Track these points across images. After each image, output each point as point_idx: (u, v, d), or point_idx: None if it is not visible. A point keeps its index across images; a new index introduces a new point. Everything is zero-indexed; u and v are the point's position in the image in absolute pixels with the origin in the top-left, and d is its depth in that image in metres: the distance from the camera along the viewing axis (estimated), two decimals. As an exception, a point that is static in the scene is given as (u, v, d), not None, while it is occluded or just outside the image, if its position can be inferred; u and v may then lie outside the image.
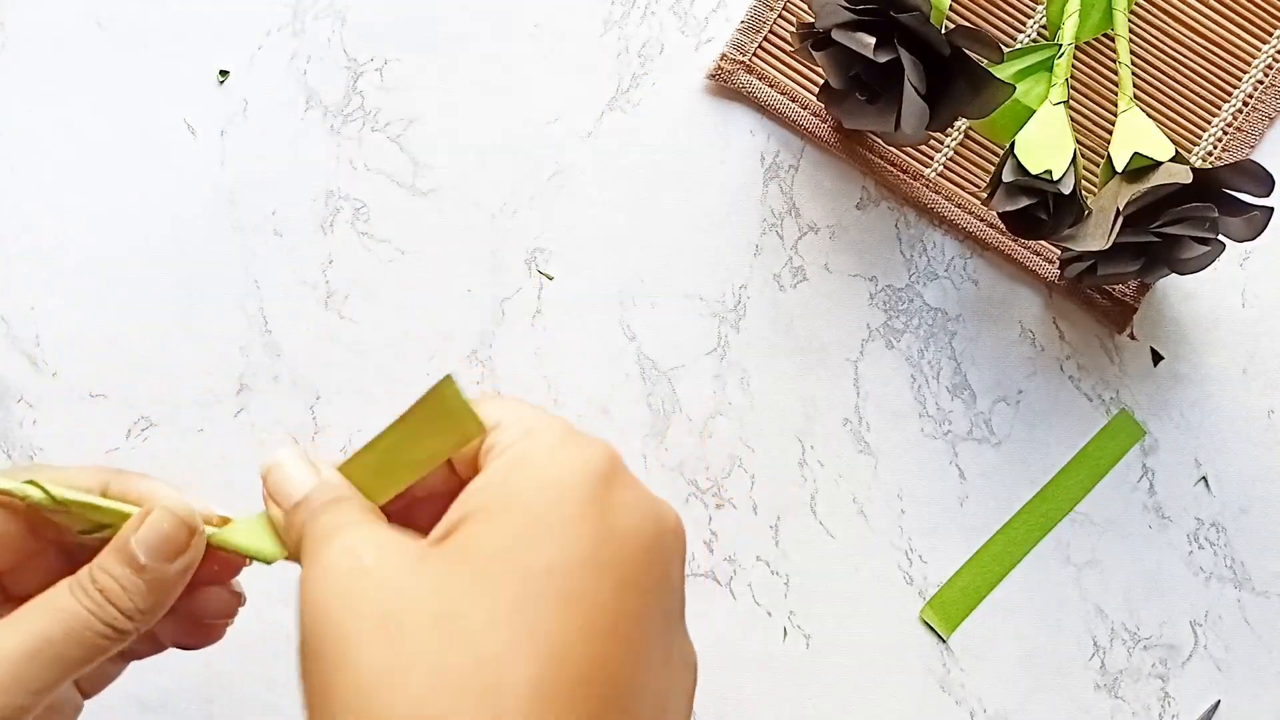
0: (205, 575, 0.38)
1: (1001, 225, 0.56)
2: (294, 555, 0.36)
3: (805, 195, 0.58)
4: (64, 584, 0.35)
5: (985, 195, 0.54)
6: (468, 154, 0.58)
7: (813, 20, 0.52)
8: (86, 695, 0.39)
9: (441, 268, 0.58)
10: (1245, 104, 0.58)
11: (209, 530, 0.37)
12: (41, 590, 0.35)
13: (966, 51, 0.50)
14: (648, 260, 0.58)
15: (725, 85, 0.58)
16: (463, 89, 0.58)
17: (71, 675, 0.35)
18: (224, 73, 0.56)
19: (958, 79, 0.50)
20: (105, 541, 0.36)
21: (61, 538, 0.38)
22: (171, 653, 0.56)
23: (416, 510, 0.37)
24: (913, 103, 0.49)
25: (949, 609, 0.57)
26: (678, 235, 0.58)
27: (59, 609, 0.35)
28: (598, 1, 0.58)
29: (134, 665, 0.56)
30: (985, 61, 0.51)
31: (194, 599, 0.38)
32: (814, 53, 0.52)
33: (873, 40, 0.49)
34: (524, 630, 0.29)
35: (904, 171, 0.58)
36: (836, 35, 0.50)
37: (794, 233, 0.58)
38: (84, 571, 0.35)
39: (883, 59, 0.49)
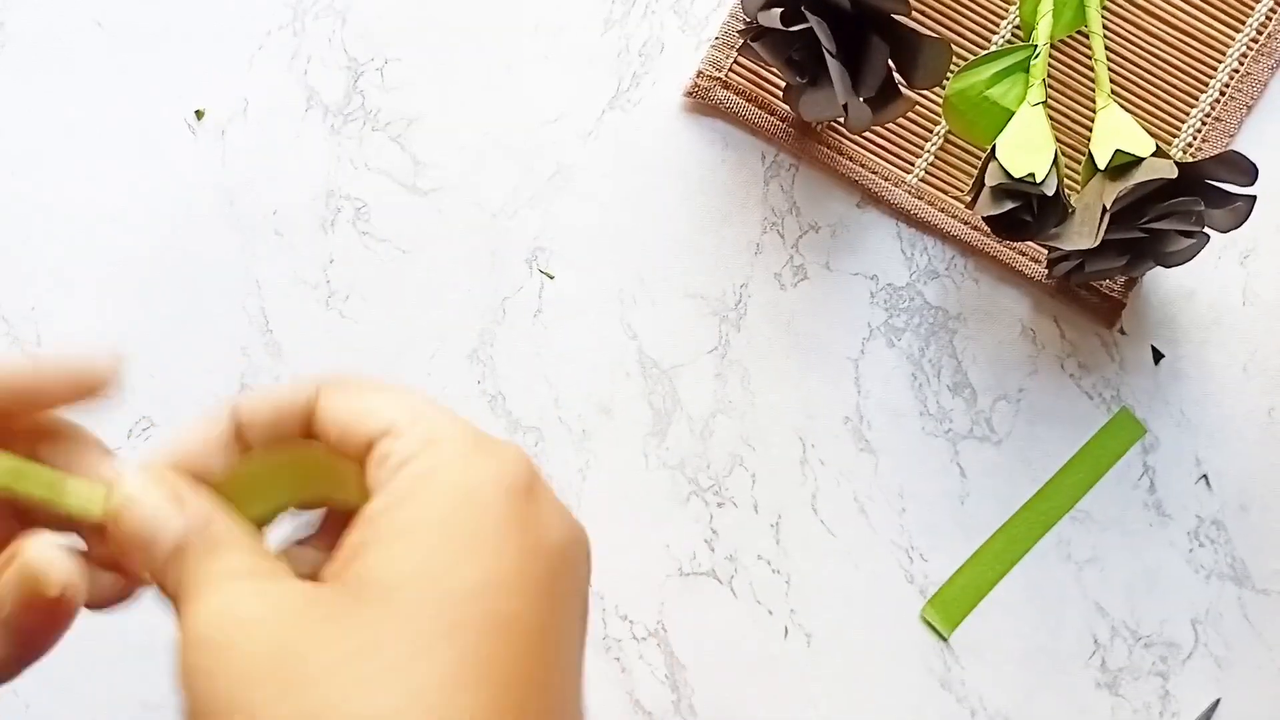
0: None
1: (986, 228, 0.57)
2: (172, 598, 0.32)
3: (806, 194, 0.59)
4: None
5: (969, 200, 0.55)
6: (468, 154, 0.59)
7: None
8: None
9: (442, 268, 0.58)
10: (1222, 94, 0.60)
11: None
12: None
13: (875, 5, 0.53)
14: (648, 259, 0.59)
15: (703, 102, 0.59)
16: (463, 89, 0.59)
17: None
18: (199, 113, 0.57)
19: (872, 34, 0.54)
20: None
21: None
22: (171, 653, 0.57)
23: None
24: (834, 67, 0.52)
25: (950, 607, 0.58)
26: (678, 234, 0.59)
27: None
28: (598, 1, 0.59)
29: (133, 666, 0.57)
30: (935, 41, 0.53)
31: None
32: (753, 45, 0.53)
33: (779, 11, 0.53)
34: (457, 658, 0.28)
35: (886, 179, 0.59)
36: (762, 20, 0.52)
37: (795, 231, 0.59)
38: None
39: (793, 29, 0.53)
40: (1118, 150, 0.53)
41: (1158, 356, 0.61)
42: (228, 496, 0.33)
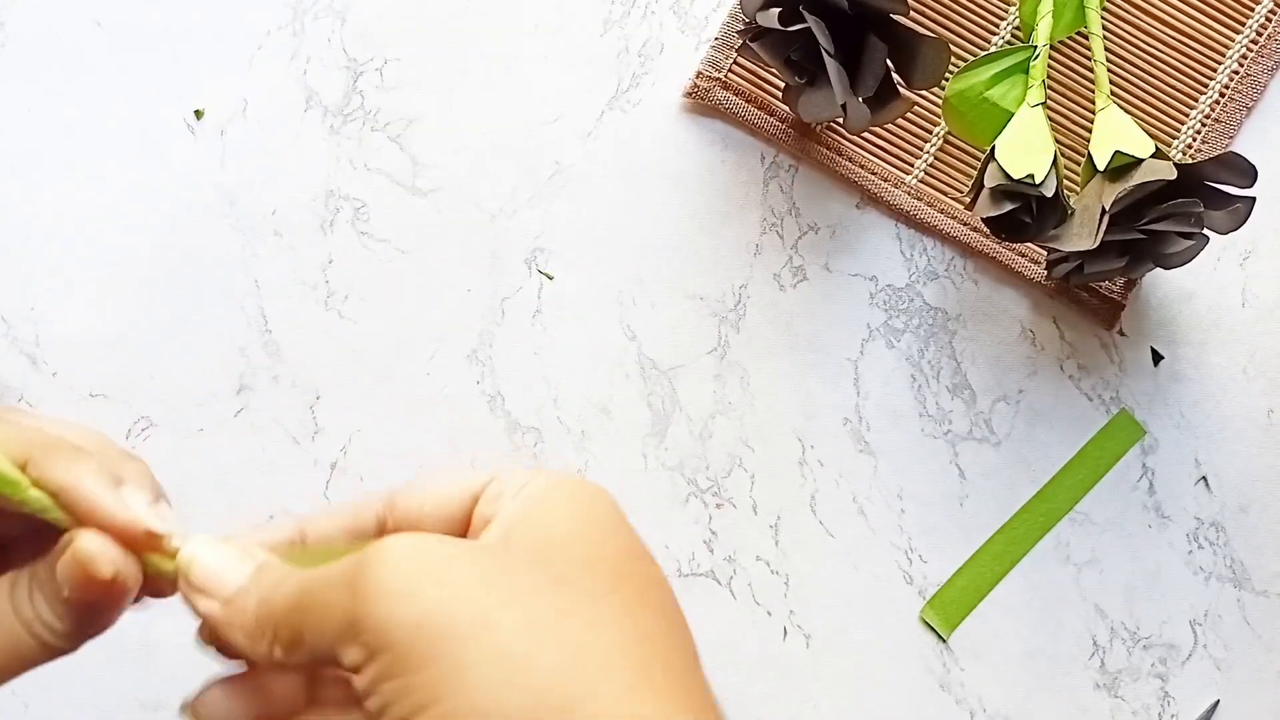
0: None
1: (986, 229, 0.58)
2: (252, 646, 0.33)
3: (805, 195, 0.59)
4: (4, 581, 0.34)
5: (968, 201, 0.55)
6: (468, 154, 0.59)
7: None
8: None
9: (441, 268, 0.59)
10: (1222, 95, 0.60)
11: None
12: None
13: (873, 5, 0.54)
14: (648, 260, 0.59)
15: (702, 102, 0.59)
16: (463, 89, 0.59)
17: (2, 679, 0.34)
18: (199, 113, 0.58)
19: (870, 35, 0.54)
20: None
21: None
22: (171, 653, 0.57)
23: None
24: (832, 67, 0.53)
25: (949, 609, 0.58)
26: (678, 235, 0.59)
27: None
28: (598, 1, 0.60)
29: (133, 667, 0.58)
30: (934, 37, 0.52)
31: None
32: (752, 46, 0.54)
33: (777, 11, 0.53)
34: (634, 602, 0.32)
35: (885, 180, 0.59)
36: (760, 20, 0.52)
37: (794, 232, 0.59)
38: (21, 578, 0.34)
39: (792, 29, 0.53)
40: (1117, 151, 0.53)
41: (1157, 358, 0.61)
42: None
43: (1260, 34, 0.61)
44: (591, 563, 0.32)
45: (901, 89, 0.57)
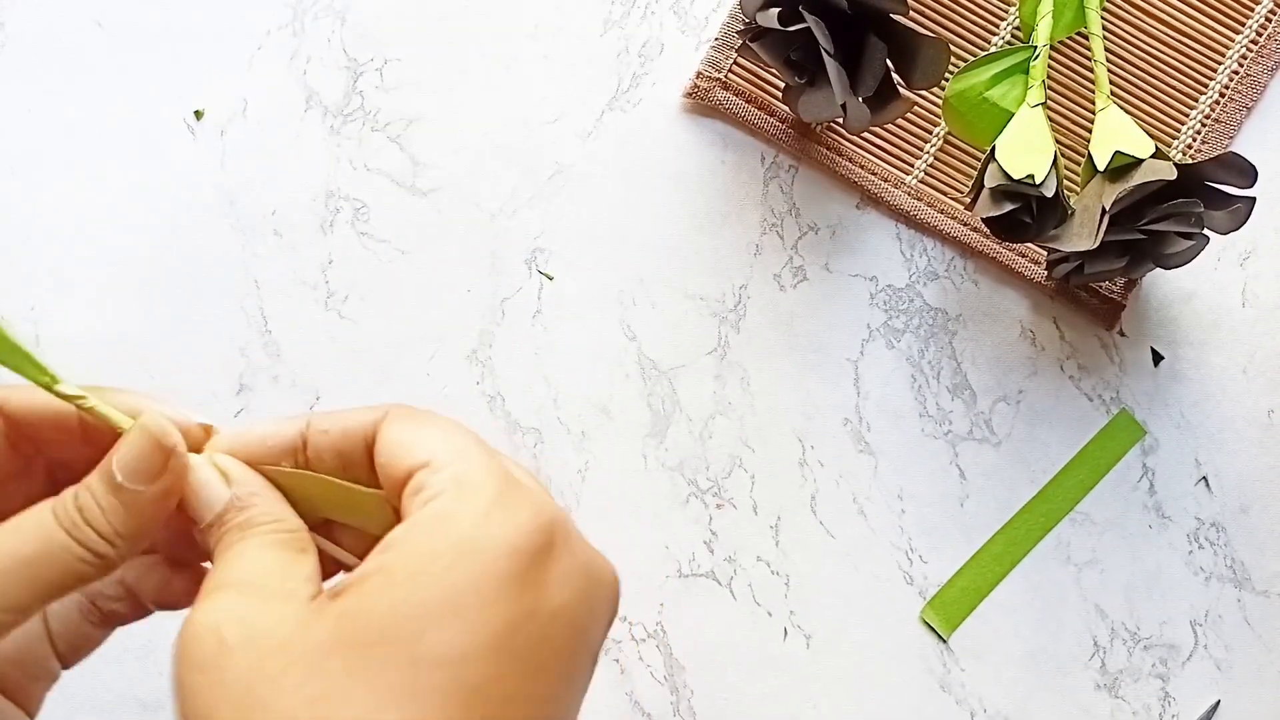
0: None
1: (986, 229, 0.57)
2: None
3: (806, 195, 0.59)
4: (47, 502, 0.34)
5: (968, 201, 0.55)
6: (468, 154, 0.59)
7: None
8: (65, 664, 0.38)
9: (441, 268, 0.59)
10: (1222, 95, 0.60)
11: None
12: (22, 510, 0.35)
13: (873, 5, 0.54)
14: (648, 260, 0.59)
15: (702, 103, 0.59)
16: (463, 89, 0.59)
17: (48, 599, 0.34)
18: (199, 113, 0.58)
19: (870, 35, 0.54)
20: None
21: (47, 454, 0.37)
22: (169, 652, 0.57)
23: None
24: (831, 67, 0.53)
25: (949, 609, 0.58)
26: (678, 235, 0.59)
27: (37, 526, 0.33)
28: (598, 1, 0.60)
29: (133, 666, 0.58)
30: (933, 36, 0.52)
31: (175, 542, 0.38)
32: (752, 46, 0.54)
33: (776, 11, 0.53)
34: None
35: (885, 180, 0.59)
36: (760, 20, 0.52)
37: (794, 232, 0.59)
38: (68, 490, 0.34)
39: (792, 29, 0.53)
40: (1117, 152, 0.53)
41: (1157, 358, 0.61)
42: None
43: (1260, 34, 0.61)
44: (397, 667, 0.29)
45: (901, 89, 0.57)
